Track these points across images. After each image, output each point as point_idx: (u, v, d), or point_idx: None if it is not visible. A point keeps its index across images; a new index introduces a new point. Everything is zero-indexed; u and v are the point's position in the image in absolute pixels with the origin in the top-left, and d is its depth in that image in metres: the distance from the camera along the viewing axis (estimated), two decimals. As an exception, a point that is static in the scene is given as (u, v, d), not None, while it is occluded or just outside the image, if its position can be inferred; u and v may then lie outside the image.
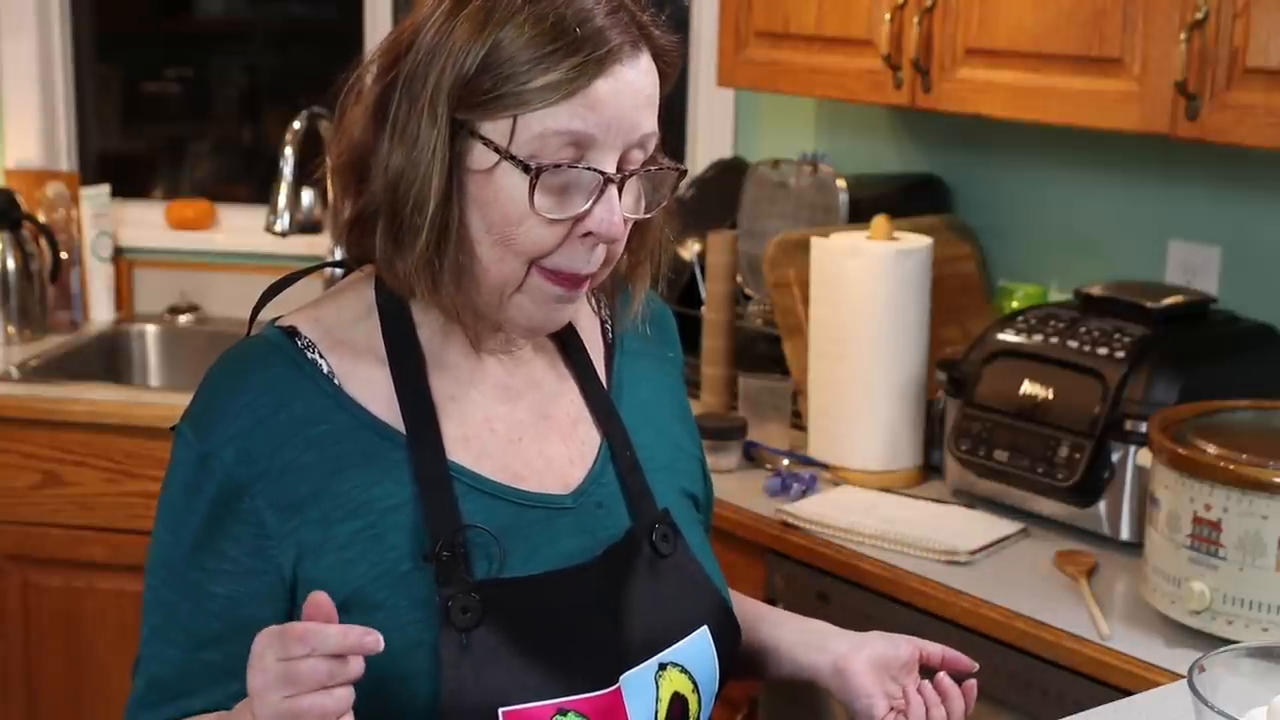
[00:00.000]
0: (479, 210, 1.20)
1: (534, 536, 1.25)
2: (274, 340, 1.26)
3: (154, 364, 3.41)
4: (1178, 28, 2.05)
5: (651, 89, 1.21)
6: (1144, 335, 2.18)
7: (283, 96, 3.65)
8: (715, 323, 2.71)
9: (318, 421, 1.22)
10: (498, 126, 1.18)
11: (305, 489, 1.20)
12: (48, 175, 3.39)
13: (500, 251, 1.20)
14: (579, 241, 1.20)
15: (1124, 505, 2.14)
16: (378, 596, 1.20)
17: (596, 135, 1.17)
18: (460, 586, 1.19)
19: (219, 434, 1.21)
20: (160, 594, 1.25)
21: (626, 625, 1.26)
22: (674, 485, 1.38)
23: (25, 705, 2.92)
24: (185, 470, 1.23)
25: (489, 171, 1.19)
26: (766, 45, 2.71)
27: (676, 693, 1.27)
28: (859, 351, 2.39)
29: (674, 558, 1.31)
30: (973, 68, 2.36)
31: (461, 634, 1.18)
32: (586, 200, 1.19)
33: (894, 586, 2.10)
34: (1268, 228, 2.39)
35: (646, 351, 1.43)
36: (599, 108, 1.17)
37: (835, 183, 2.71)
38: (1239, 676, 1.19)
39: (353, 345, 1.26)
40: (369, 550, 1.21)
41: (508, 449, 1.28)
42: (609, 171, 1.19)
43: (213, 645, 1.22)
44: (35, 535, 2.87)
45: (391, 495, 1.22)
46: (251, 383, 1.23)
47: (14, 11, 3.38)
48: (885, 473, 2.41)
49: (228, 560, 1.21)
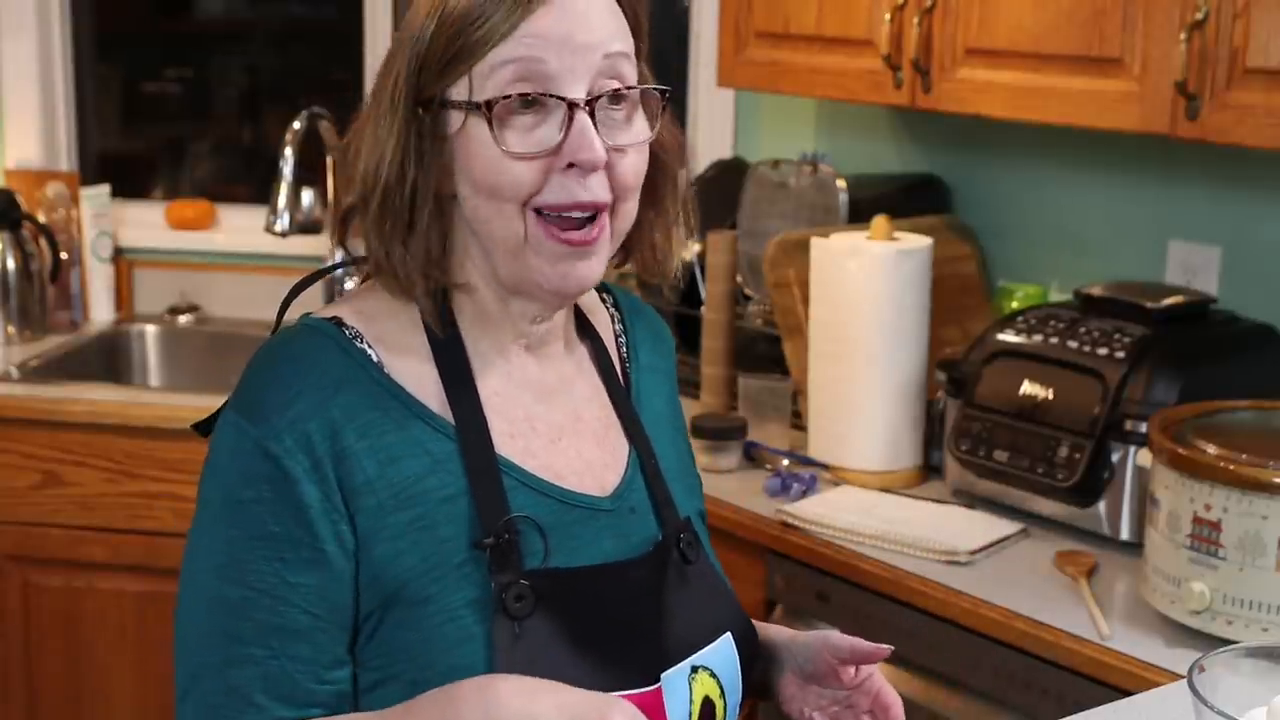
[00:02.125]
0: (464, 174, 1.20)
1: (576, 535, 1.25)
2: (321, 329, 1.24)
3: (154, 364, 3.41)
4: (1178, 28, 2.05)
5: (605, 13, 1.20)
6: (1144, 335, 2.18)
7: (283, 96, 3.65)
8: (715, 323, 2.71)
9: (371, 409, 1.20)
10: (459, 87, 1.19)
11: (360, 476, 1.18)
12: (48, 175, 3.39)
13: (494, 204, 1.19)
14: (564, 174, 1.19)
15: (1124, 505, 2.14)
16: (430, 589, 1.18)
17: (546, 59, 1.17)
18: (514, 575, 1.19)
19: (276, 420, 1.17)
20: (227, 592, 1.17)
21: (665, 626, 1.26)
22: (689, 496, 1.39)
23: (25, 705, 2.92)
24: (242, 459, 1.18)
25: (461, 131, 1.19)
26: (766, 45, 2.71)
27: (707, 696, 1.28)
28: (859, 351, 2.39)
29: (698, 565, 1.32)
30: (973, 68, 2.36)
31: (515, 623, 1.18)
32: (559, 131, 1.18)
33: (894, 586, 2.10)
34: (1268, 228, 2.39)
35: (657, 366, 1.43)
36: (542, 32, 1.17)
37: (835, 183, 2.70)
38: (1239, 676, 1.19)
39: (396, 337, 1.25)
40: (421, 540, 1.19)
41: (550, 448, 1.28)
42: (570, 96, 1.18)
43: (303, 639, 1.17)
44: (35, 535, 2.87)
45: (445, 486, 1.21)
46: (304, 369, 1.20)
47: (14, 11, 3.38)
48: (885, 473, 2.41)
49: (306, 548, 1.16)
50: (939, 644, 2.05)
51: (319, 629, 1.17)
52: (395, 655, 1.19)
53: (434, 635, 1.18)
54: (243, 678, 1.16)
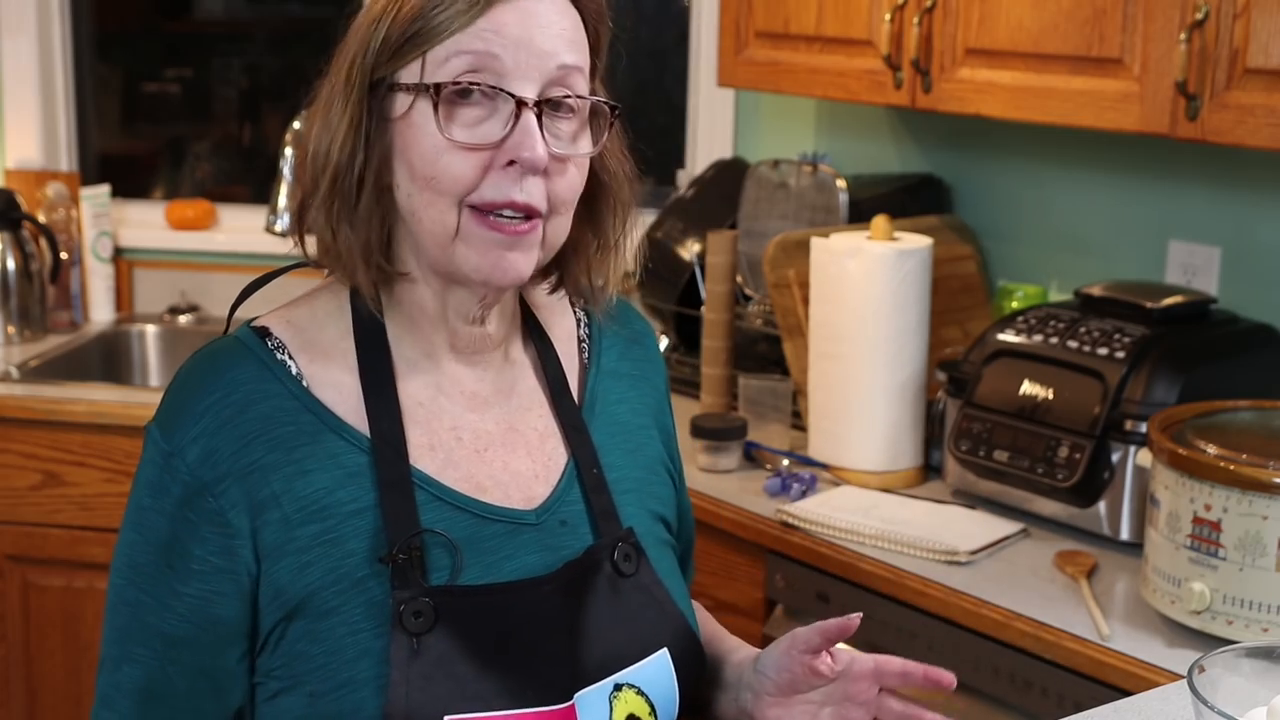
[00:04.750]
0: (402, 161, 1.20)
1: (494, 550, 1.24)
2: (244, 340, 1.25)
3: (154, 364, 3.41)
4: (1178, 28, 2.06)
5: (567, 24, 1.20)
6: (1144, 335, 2.18)
7: (283, 96, 3.65)
8: (715, 323, 2.71)
9: (283, 423, 1.21)
10: (410, 70, 1.19)
11: (268, 490, 1.19)
12: (48, 175, 3.39)
13: (428, 196, 1.19)
14: (503, 171, 1.18)
15: (1124, 505, 2.14)
16: (332, 601, 1.19)
17: (502, 56, 1.17)
18: (414, 591, 1.18)
19: (184, 433, 1.20)
20: (125, 594, 1.23)
21: (583, 643, 1.24)
22: (643, 507, 1.35)
23: (25, 705, 2.93)
24: (152, 469, 1.22)
25: (406, 115, 1.19)
26: (766, 45, 2.71)
27: (632, 714, 1.25)
28: (859, 351, 2.39)
29: (636, 578, 1.29)
30: (973, 68, 2.36)
31: (412, 638, 1.18)
32: (504, 128, 1.18)
33: (894, 586, 2.10)
34: (1268, 228, 2.39)
35: (626, 372, 1.41)
36: (502, 30, 1.17)
37: (835, 183, 2.71)
38: (1239, 676, 1.19)
39: (323, 346, 1.26)
40: (327, 554, 1.20)
41: (472, 459, 1.27)
42: (519, 94, 1.18)
43: (183, 646, 1.21)
44: (35, 535, 2.87)
45: (353, 500, 1.21)
46: (219, 383, 1.21)
47: (14, 11, 3.38)
48: (885, 473, 2.41)
49: (195, 559, 1.20)
50: (939, 644, 2.05)
51: (199, 639, 1.21)
52: (297, 667, 1.20)
53: (336, 648, 1.18)
54: (129, 676, 1.24)
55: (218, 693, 1.22)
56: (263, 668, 1.22)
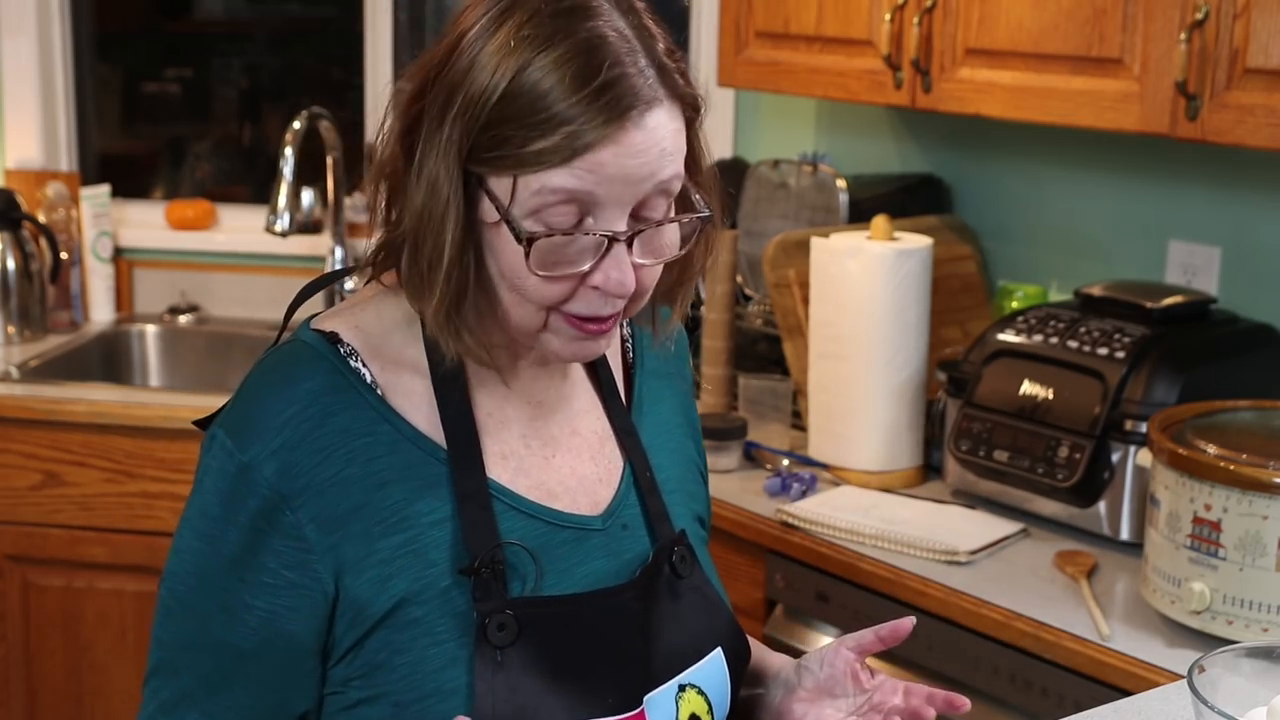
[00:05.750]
0: (494, 258, 1.18)
1: (566, 557, 1.25)
2: (318, 347, 1.22)
3: (154, 364, 3.41)
4: (1178, 28, 2.05)
5: (668, 140, 1.16)
6: (1144, 335, 2.18)
7: (283, 96, 3.65)
8: (715, 323, 2.71)
9: (361, 434, 1.20)
10: (501, 183, 1.14)
11: (348, 503, 1.18)
12: (48, 175, 3.39)
13: (516, 298, 1.18)
14: (591, 292, 1.17)
15: (1124, 505, 2.14)
16: (416, 612, 1.19)
17: (598, 193, 1.13)
18: (497, 604, 1.18)
19: (262, 446, 1.18)
20: (191, 602, 1.21)
21: (652, 647, 1.25)
22: (687, 508, 1.37)
23: (25, 705, 2.92)
24: (223, 480, 1.19)
25: (496, 225, 1.16)
26: (767, 45, 2.71)
27: (694, 714, 1.27)
28: (859, 351, 2.39)
29: (691, 579, 1.31)
30: (973, 68, 2.36)
31: (496, 651, 1.18)
32: (592, 258, 1.16)
33: (894, 586, 2.10)
34: (1268, 228, 2.39)
35: (665, 370, 1.42)
36: (601, 169, 1.13)
37: (835, 183, 2.71)
38: (1239, 676, 1.19)
39: (392, 355, 1.24)
40: (410, 565, 1.19)
41: (542, 466, 1.27)
42: (613, 230, 1.15)
43: (251, 659, 1.19)
44: (35, 535, 2.87)
45: (432, 511, 1.20)
46: (297, 394, 1.19)
47: (14, 11, 3.38)
48: (885, 473, 2.41)
49: (268, 573, 1.18)
50: (939, 644, 2.05)
51: (268, 653, 1.19)
52: (377, 677, 1.19)
53: (419, 659, 1.18)
54: (188, 684, 1.21)
55: (281, 705, 1.22)
56: (338, 677, 1.21)
